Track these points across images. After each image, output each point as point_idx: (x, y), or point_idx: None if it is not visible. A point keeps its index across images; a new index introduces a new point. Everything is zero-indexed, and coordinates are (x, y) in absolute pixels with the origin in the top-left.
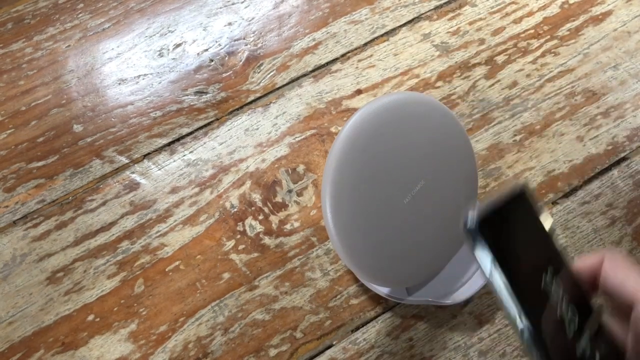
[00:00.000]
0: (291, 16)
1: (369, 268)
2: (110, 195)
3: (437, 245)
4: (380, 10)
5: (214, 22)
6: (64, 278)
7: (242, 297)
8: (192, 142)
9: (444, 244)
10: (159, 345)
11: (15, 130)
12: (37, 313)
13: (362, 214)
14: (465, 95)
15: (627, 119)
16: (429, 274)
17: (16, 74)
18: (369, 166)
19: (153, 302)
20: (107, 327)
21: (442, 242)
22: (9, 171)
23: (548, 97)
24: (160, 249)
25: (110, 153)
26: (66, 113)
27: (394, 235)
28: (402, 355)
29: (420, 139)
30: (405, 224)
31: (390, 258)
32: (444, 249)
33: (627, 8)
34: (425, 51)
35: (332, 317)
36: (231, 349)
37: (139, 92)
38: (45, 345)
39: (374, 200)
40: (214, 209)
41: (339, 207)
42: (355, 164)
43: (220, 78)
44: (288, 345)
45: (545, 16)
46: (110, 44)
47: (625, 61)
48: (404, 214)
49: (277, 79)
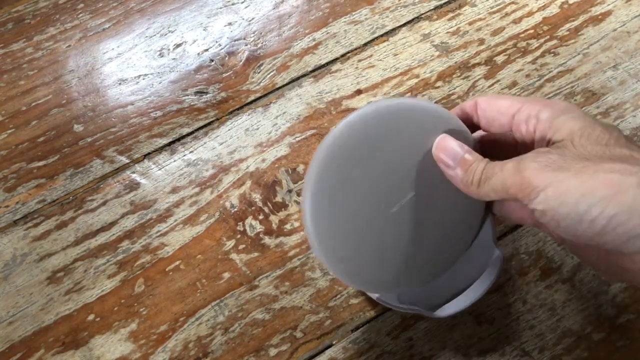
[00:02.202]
0: (291, 16)
1: (351, 273)
2: (110, 195)
3: (429, 258)
4: (380, 10)
5: (214, 22)
6: (64, 278)
7: (242, 297)
8: (192, 142)
9: (437, 256)
10: (159, 345)
11: (16, 130)
12: (38, 313)
13: (345, 219)
14: (465, 95)
15: (627, 119)
16: (420, 284)
17: (16, 74)
18: (354, 172)
19: (153, 302)
20: (107, 326)
21: (434, 255)
22: (10, 171)
23: (548, 97)
24: (161, 248)
25: (110, 153)
26: (66, 113)
27: (379, 242)
28: (402, 355)
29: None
30: (392, 233)
31: (374, 265)
32: (436, 262)
33: (626, 8)
34: (425, 51)
35: (332, 317)
36: (231, 348)
37: (139, 92)
38: (45, 345)
39: (357, 205)
40: (214, 209)
41: (320, 210)
42: (340, 169)
43: (221, 78)
44: (288, 345)
45: (544, 16)
46: (111, 44)
47: (624, 61)
48: (391, 222)
49: (277, 79)
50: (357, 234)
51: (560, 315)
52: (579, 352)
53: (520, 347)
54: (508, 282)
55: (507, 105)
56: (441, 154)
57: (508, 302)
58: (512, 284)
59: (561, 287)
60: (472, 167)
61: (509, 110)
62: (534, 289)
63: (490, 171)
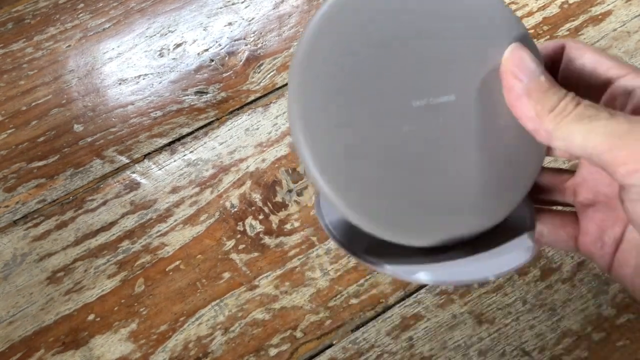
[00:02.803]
0: (291, 16)
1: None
2: (110, 195)
3: (462, 196)
4: None
5: (214, 22)
6: (64, 278)
7: (242, 297)
8: (192, 142)
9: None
10: (160, 345)
11: (16, 130)
12: (38, 313)
13: (345, 122)
14: None
15: None
16: (446, 235)
17: (16, 74)
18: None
19: (153, 302)
20: (107, 326)
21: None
22: (10, 171)
23: None
24: (161, 248)
25: (110, 153)
26: (66, 113)
27: (392, 156)
28: (402, 354)
29: (465, 42)
30: (407, 139)
31: (386, 190)
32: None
33: (626, 8)
34: None
35: (332, 317)
36: (231, 348)
37: (139, 92)
38: (45, 345)
39: (365, 97)
40: (214, 209)
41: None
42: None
43: (221, 78)
44: (288, 345)
45: (544, 16)
46: (111, 44)
47: (625, 61)
48: (408, 121)
49: (277, 79)
50: (365, 140)
51: (560, 315)
52: (579, 352)
53: (520, 347)
54: (508, 282)
55: (608, 65)
56: (513, 64)
57: (508, 302)
58: (512, 284)
59: (561, 287)
60: (554, 90)
61: (610, 71)
62: (534, 289)
63: (590, 111)
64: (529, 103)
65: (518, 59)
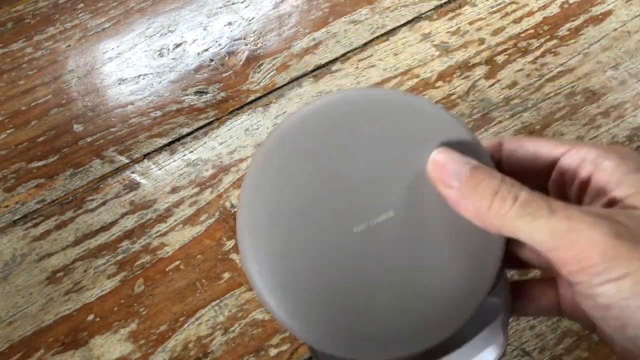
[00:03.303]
0: (291, 16)
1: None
2: (110, 195)
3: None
4: (380, 10)
5: (214, 22)
6: (64, 278)
7: (242, 297)
8: (192, 142)
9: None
10: (159, 345)
11: (16, 130)
12: (37, 313)
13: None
14: (465, 95)
15: (627, 118)
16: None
17: (16, 74)
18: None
19: (153, 302)
20: (107, 326)
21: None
22: (9, 171)
23: (548, 97)
24: (161, 248)
25: (110, 153)
26: (66, 113)
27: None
28: None
29: (399, 155)
30: (356, 264)
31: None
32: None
33: (627, 8)
34: (425, 51)
35: None
36: (231, 348)
37: (139, 92)
38: (45, 345)
39: (308, 220)
40: (214, 209)
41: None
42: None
43: (221, 78)
44: (288, 345)
45: (545, 16)
46: (111, 44)
47: (625, 61)
48: (355, 248)
49: (277, 79)
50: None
51: None
52: (579, 352)
53: (520, 347)
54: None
55: (549, 146)
56: (438, 173)
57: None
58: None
59: None
60: (486, 183)
61: (552, 151)
62: None
63: (529, 207)
64: (469, 204)
65: (441, 167)
